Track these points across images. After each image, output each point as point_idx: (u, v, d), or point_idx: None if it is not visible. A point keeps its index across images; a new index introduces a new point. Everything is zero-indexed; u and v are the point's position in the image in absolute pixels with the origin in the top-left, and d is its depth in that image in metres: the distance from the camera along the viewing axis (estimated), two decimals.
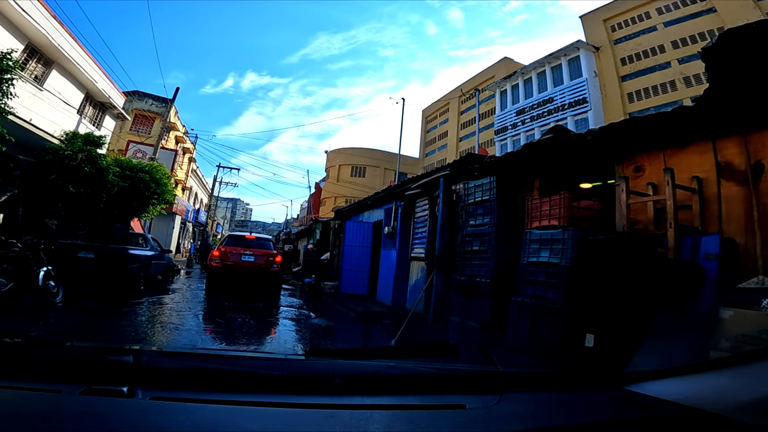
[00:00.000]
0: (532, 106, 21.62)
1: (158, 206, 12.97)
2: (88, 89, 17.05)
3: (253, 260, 8.74)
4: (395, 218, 8.61)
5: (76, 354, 0.96)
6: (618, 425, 0.88)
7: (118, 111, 20.68)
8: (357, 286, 10.14)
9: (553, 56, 21.31)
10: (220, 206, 50.92)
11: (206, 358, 1.22)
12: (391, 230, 8.56)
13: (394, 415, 0.85)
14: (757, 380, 0.82)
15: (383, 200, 9.45)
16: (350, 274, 10.26)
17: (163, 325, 5.52)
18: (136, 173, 11.47)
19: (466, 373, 1.11)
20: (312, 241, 17.60)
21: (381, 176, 32.38)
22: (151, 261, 8.71)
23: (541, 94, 21.47)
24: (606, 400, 1.02)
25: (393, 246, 8.60)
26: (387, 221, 9.04)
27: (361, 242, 10.28)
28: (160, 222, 23.10)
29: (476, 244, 4.68)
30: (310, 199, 46.39)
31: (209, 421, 0.73)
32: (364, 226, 10.36)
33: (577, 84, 19.67)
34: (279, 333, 5.58)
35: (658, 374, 1.03)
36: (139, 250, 8.47)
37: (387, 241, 9.07)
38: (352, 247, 10.33)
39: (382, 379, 0.99)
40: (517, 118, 22.42)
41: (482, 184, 4.79)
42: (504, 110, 23.87)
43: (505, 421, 0.87)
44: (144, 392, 0.78)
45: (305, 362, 1.40)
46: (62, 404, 0.74)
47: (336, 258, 12.75)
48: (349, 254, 10.33)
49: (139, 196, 11.42)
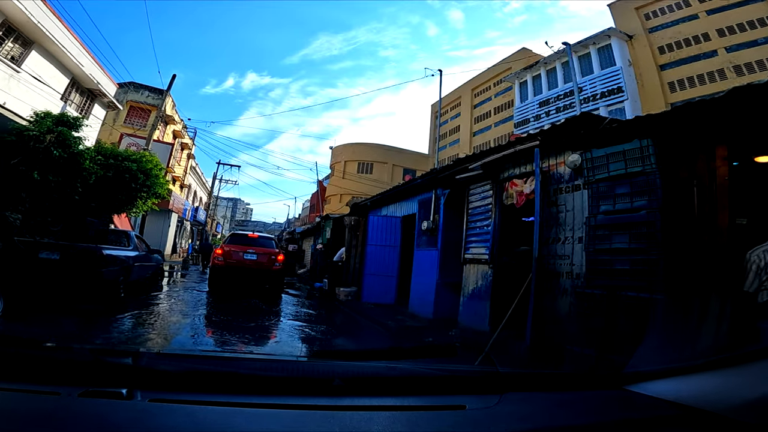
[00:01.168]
0: (558, 96, 20.23)
1: (149, 201, 11.43)
2: (74, 74, 15.63)
3: (256, 258, 8.62)
4: (436, 210, 6.97)
5: (75, 356, 0.93)
6: (618, 425, 0.88)
7: (109, 99, 19.20)
8: (382, 293, 8.49)
9: (581, 45, 19.97)
10: (221, 205, 49.33)
11: (205, 359, 1.19)
12: (430, 225, 6.91)
13: (393, 416, 0.84)
14: (757, 380, 0.81)
15: (417, 189, 7.80)
16: (373, 279, 8.61)
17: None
18: (121, 162, 9.88)
19: (466, 373, 1.10)
20: (321, 240, 15.91)
21: (389, 172, 30.76)
22: (133, 263, 7.06)
23: (567, 85, 20.06)
24: (606, 400, 1.01)
25: (433, 245, 6.95)
26: (424, 215, 7.39)
27: (387, 241, 8.63)
28: (154, 220, 21.45)
29: (619, 238, 3.06)
30: (313, 197, 44.87)
31: (208, 423, 0.72)
32: (390, 221, 8.70)
33: (611, 73, 18.44)
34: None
35: (658, 374, 1.02)
36: (118, 250, 6.81)
37: (423, 239, 7.43)
38: (377, 246, 8.68)
39: (382, 380, 0.99)
40: (541, 110, 20.99)
41: (624, 151, 3.17)
42: (524, 102, 22.41)
43: (505, 421, 0.86)
44: (143, 394, 0.77)
45: (304, 364, 1.39)
46: (61, 406, 0.73)
47: (353, 259, 11.10)
48: (373, 255, 8.69)
49: (125, 188, 9.84)
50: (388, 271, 8.47)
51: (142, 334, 4.75)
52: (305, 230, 22.81)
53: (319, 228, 16.90)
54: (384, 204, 9.73)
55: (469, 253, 5.68)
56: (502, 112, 26.65)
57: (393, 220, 8.69)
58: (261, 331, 5.46)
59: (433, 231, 6.92)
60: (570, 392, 1.04)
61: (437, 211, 6.95)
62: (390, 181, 28.44)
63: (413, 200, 8.11)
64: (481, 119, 28.64)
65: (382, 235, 8.66)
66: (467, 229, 5.83)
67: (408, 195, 8.34)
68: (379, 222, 8.75)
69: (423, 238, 7.46)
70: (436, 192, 7.05)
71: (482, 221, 5.45)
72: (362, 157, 31.10)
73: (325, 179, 41.64)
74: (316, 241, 18.50)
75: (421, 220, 7.47)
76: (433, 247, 6.92)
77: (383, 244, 8.61)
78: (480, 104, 29.19)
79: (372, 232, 8.71)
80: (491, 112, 27.66)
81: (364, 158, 31.17)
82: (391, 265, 8.49)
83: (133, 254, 7.17)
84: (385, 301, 8.42)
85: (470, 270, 5.60)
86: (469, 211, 5.84)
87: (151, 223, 21.48)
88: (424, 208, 7.49)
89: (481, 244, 5.36)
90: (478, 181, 5.60)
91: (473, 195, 5.78)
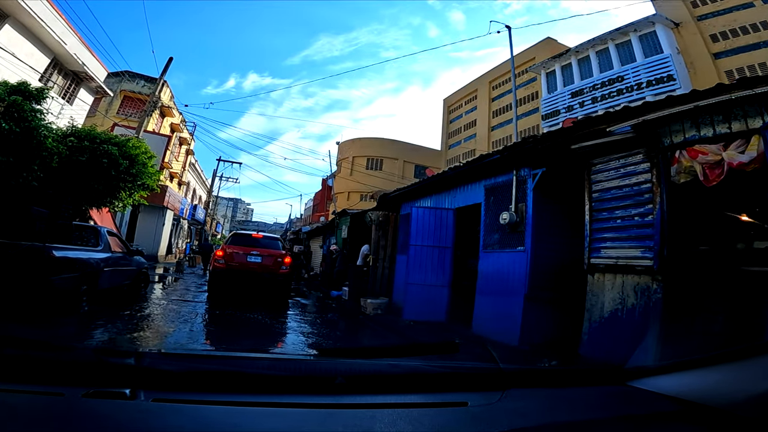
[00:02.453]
0: (594, 86, 18.51)
1: (136, 194, 9.52)
2: (56, 53, 13.94)
3: (260, 261, 7.88)
4: (520, 198, 5.06)
5: (78, 356, 0.95)
6: (620, 421, 0.88)
7: (97, 84, 17.38)
8: (428, 307, 6.57)
9: (619, 32, 18.42)
10: (221, 204, 47.44)
11: (208, 359, 1.19)
12: (513, 219, 5.00)
13: (396, 413, 0.83)
14: (759, 375, 0.80)
15: (484, 171, 5.89)
16: (417, 290, 6.68)
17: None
18: (99, 145, 8.02)
19: (468, 370, 1.09)
20: (335, 240, 13.97)
21: (400, 169, 28.91)
22: (102, 268, 5.15)
23: (604, 73, 18.60)
24: (608, 396, 1.00)
25: (516, 244, 5.05)
26: (496, 204, 5.49)
27: (435, 239, 6.71)
28: (147, 217, 19.49)
29: None
30: (316, 197, 43.10)
31: (211, 422, 0.72)
32: (440, 215, 6.77)
33: (659, 60, 16.75)
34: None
35: (659, 369, 1.02)
36: (79, 251, 4.90)
37: (495, 237, 5.52)
38: (421, 248, 6.76)
39: (384, 377, 0.98)
40: (573, 100, 19.24)
41: None
42: (553, 93, 20.65)
43: (507, 417, 0.85)
44: (146, 394, 0.76)
45: (307, 362, 1.38)
46: (65, 407, 0.72)
47: (382, 263, 9.19)
48: (416, 258, 6.77)
49: (103, 176, 7.98)
50: (436, 279, 6.55)
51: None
52: (313, 229, 20.85)
53: (333, 226, 14.95)
54: (423, 194, 7.80)
55: (601, 257, 3.76)
56: (525, 105, 24.81)
57: (444, 214, 6.76)
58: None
59: (517, 226, 5.02)
60: (572, 388, 1.03)
61: (522, 198, 5.05)
62: (401, 177, 26.58)
63: (475, 186, 6.20)
64: (501, 112, 26.79)
65: (428, 233, 6.74)
66: (592, 222, 3.92)
67: (465, 180, 6.42)
68: (426, 216, 6.81)
69: (495, 235, 5.56)
70: (517, 173, 5.15)
71: (630, 209, 3.55)
72: (371, 152, 29.19)
73: (329, 178, 39.87)
74: (327, 240, 16.54)
75: (493, 211, 5.58)
76: (516, 248, 5.02)
77: (430, 244, 6.69)
78: (499, 97, 27.36)
79: (417, 228, 6.78)
80: (511, 105, 25.79)
81: (373, 154, 29.27)
82: (442, 271, 6.57)
83: (102, 256, 5.26)
84: (433, 318, 6.50)
85: (604, 282, 3.68)
86: (596, 195, 3.92)
87: (143, 221, 19.51)
88: (497, 195, 5.58)
89: (631, 243, 3.46)
90: (618, 151, 3.69)
91: (604, 172, 3.87)
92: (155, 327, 4.97)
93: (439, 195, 7.34)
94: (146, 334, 4.55)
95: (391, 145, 30.12)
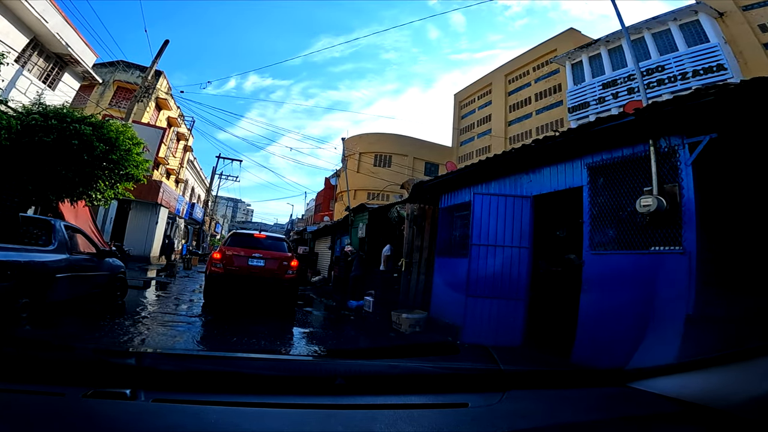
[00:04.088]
0: (630, 75, 17.24)
1: (119, 185, 8.02)
2: (36, 32, 12.46)
3: (263, 265, 6.94)
4: (668, 178, 3.48)
5: (79, 356, 0.92)
6: (621, 422, 0.87)
7: (84, 69, 15.81)
8: (496, 327, 5.02)
9: (657, 21, 17.40)
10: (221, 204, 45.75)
11: (208, 359, 1.16)
12: (662, 206, 3.40)
13: (396, 414, 0.82)
14: (760, 376, 0.79)
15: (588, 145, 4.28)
16: (482, 306, 5.10)
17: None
18: (69, 124, 6.66)
19: (469, 371, 1.09)
20: (349, 240, 12.33)
21: (410, 165, 27.34)
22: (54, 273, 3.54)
23: (643, 63, 17.45)
24: (609, 397, 0.99)
25: (664, 241, 3.46)
26: (620, 187, 3.91)
27: (507, 237, 5.12)
28: (139, 215, 17.82)
29: None
30: (319, 196, 41.65)
31: (212, 423, 0.71)
32: (514, 204, 5.16)
33: (706, 50, 15.71)
34: None
35: (660, 371, 1.01)
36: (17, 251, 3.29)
37: (611, 234, 3.94)
38: (487, 248, 5.17)
39: (384, 378, 0.97)
40: (605, 92, 17.99)
41: None
42: (580, 84, 19.31)
43: (508, 418, 0.84)
44: (147, 394, 0.75)
45: (307, 363, 1.40)
46: (65, 407, 0.71)
47: (417, 269, 7.58)
48: (480, 263, 5.18)
49: (73, 161, 6.48)
50: (509, 290, 4.93)
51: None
52: (320, 229, 19.22)
53: (346, 224, 13.32)
54: (474, 181, 6.15)
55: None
56: (545, 99, 23.41)
57: (518, 203, 5.14)
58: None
59: (665, 216, 3.42)
60: (573, 389, 1.02)
61: (671, 177, 3.46)
62: (411, 175, 25.03)
63: (569, 166, 4.60)
64: (518, 107, 25.33)
65: (496, 228, 5.13)
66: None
67: (552, 158, 4.81)
68: (493, 206, 5.20)
69: (610, 231, 3.98)
70: (656, 144, 3.57)
71: None
72: (380, 148, 27.60)
73: (333, 177, 38.36)
74: (338, 241, 14.90)
75: (605, 197, 4.00)
76: (666, 246, 3.42)
77: (501, 244, 5.09)
78: (516, 91, 25.90)
79: (479, 223, 5.18)
80: (531, 99, 24.36)
81: (381, 150, 27.67)
82: (516, 280, 4.96)
83: (55, 258, 3.65)
84: (504, 342, 4.91)
85: None
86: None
87: (134, 219, 17.80)
88: (613, 175, 4.01)
89: None
90: None
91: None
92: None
93: (500, 181, 5.74)
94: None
95: (401, 140, 28.54)
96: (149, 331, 4.63)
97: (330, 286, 13.83)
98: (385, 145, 27.98)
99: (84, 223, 8.61)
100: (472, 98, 30.13)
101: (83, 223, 8.55)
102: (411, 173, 26.41)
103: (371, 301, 8.13)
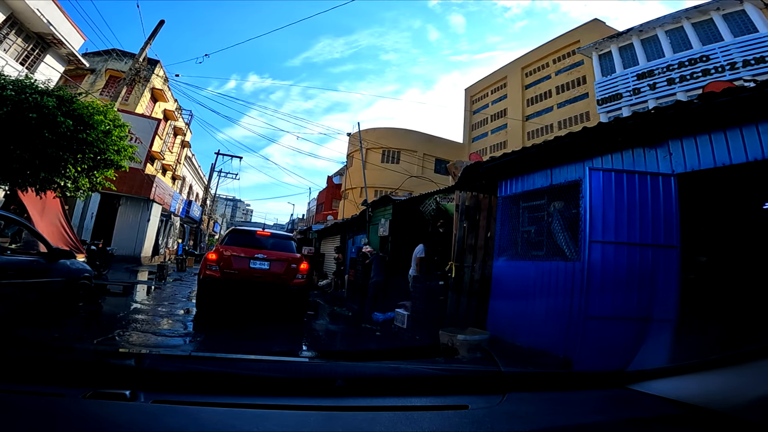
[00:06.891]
0: (668, 66, 16.02)
1: (97, 173, 6.63)
2: (13, 8, 11.25)
3: (268, 268, 5.78)
4: None
5: (79, 357, 0.92)
6: (622, 424, 0.86)
7: (69, 51, 14.34)
8: (628, 356, 3.40)
9: (697, 10, 16.21)
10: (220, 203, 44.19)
11: (208, 361, 1.15)
12: None
13: (396, 416, 0.81)
14: (760, 378, 0.78)
15: None
16: (607, 329, 3.55)
17: None
18: (28, 95, 5.41)
19: (469, 373, 1.09)
20: (366, 239, 10.77)
21: (419, 162, 25.84)
22: None
23: (681, 53, 16.38)
24: (609, 400, 0.99)
25: None
26: None
27: (642, 232, 3.59)
28: (129, 211, 16.23)
29: None
30: (321, 195, 40.26)
31: (211, 424, 0.71)
32: (651, 185, 3.60)
33: (758, 39, 14.69)
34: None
35: (660, 372, 1.00)
36: None
37: None
38: (613, 246, 3.64)
39: (384, 380, 0.96)
40: (641, 82, 16.77)
41: None
42: (610, 76, 18.00)
43: (508, 421, 0.84)
44: (146, 395, 0.75)
45: (307, 364, 1.36)
46: (65, 408, 0.71)
47: (470, 275, 6.01)
48: (603, 268, 3.62)
49: (31, 140, 5.10)
50: (648, 308, 3.39)
51: None
52: (327, 227, 17.66)
53: (362, 221, 11.76)
54: (555, 162, 4.64)
55: None
56: (567, 91, 22.01)
57: (656, 183, 3.59)
58: None
59: None
60: (573, 392, 1.01)
61: None
62: (420, 173, 23.55)
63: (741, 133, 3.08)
64: (537, 100, 23.90)
65: (625, 219, 3.60)
66: None
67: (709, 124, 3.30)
68: (616, 187, 3.63)
69: None
70: None
71: None
72: (388, 144, 26.06)
73: (335, 176, 36.93)
74: (352, 239, 13.34)
75: None
76: None
77: (635, 242, 3.56)
78: (534, 84, 24.49)
79: (599, 212, 3.63)
80: (551, 92, 22.94)
81: (390, 146, 26.14)
82: (660, 293, 3.43)
83: None
84: None
85: None
86: None
87: (123, 215, 16.20)
88: None
89: None
90: None
91: None
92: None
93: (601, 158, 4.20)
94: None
95: (410, 136, 27.02)
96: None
97: (342, 291, 12.26)
98: (393, 141, 26.47)
99: (52, 217, 7.01)
100: (485, 93, 28.69)
101: (51, 216, 6.96)
102: (421, 171, 24.94)
103: (405, 315, 6.57)
